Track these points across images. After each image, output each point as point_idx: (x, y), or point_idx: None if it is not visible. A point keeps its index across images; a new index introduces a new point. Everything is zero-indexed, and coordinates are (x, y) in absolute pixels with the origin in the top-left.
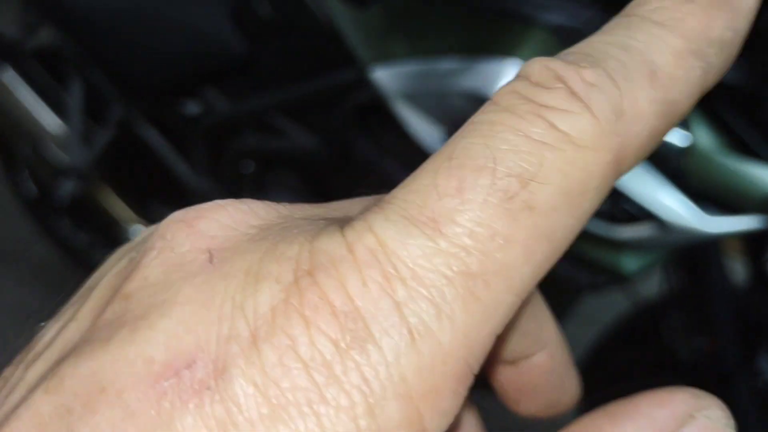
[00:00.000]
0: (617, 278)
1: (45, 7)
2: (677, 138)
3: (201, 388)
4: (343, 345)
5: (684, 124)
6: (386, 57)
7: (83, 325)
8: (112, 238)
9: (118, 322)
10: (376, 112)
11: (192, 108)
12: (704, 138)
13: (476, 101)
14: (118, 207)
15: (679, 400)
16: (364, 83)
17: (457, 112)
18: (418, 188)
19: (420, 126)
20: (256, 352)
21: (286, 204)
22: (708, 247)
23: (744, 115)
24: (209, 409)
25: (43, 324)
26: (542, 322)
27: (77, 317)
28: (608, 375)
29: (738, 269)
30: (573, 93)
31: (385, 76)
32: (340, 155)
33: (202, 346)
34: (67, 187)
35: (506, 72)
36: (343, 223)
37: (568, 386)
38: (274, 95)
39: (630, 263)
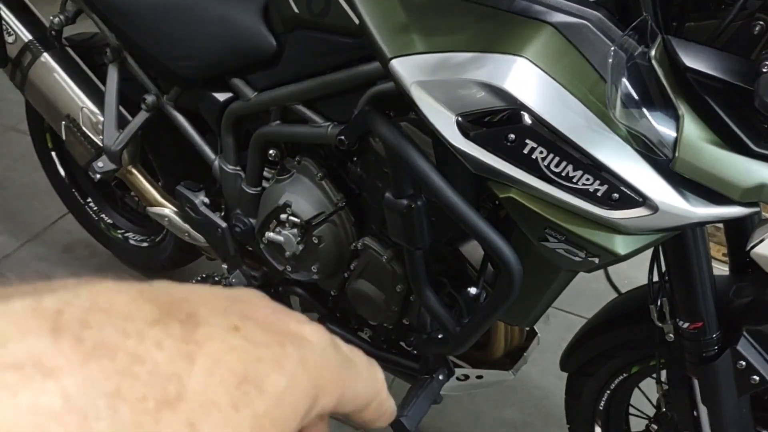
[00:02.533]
0: (611, 259)
1: None
2: (668, 129)
3: None
4: None
5: (674, 116)
6: (405, 52)
7: None
8: (134, 220)
9: None
10: (397, 100)
11: (221, 98)
12: (693, 130)
13: (486, 88)
14: (145, 190)
15: None
16: (385, 75)
17: (467, 98)
18: None
19: (433, 111)
20: None
21: None
22: (694, 236)
23: (731, 109)
24: None
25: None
26: None
27: None
28: (602, 352)
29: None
30: None
31: (402, 65)
32: (360, 142)
33: None
34: (97, 170)
35: (515, 65)
36: None
37: None
38: (299, 87)
39: (623, 245)
